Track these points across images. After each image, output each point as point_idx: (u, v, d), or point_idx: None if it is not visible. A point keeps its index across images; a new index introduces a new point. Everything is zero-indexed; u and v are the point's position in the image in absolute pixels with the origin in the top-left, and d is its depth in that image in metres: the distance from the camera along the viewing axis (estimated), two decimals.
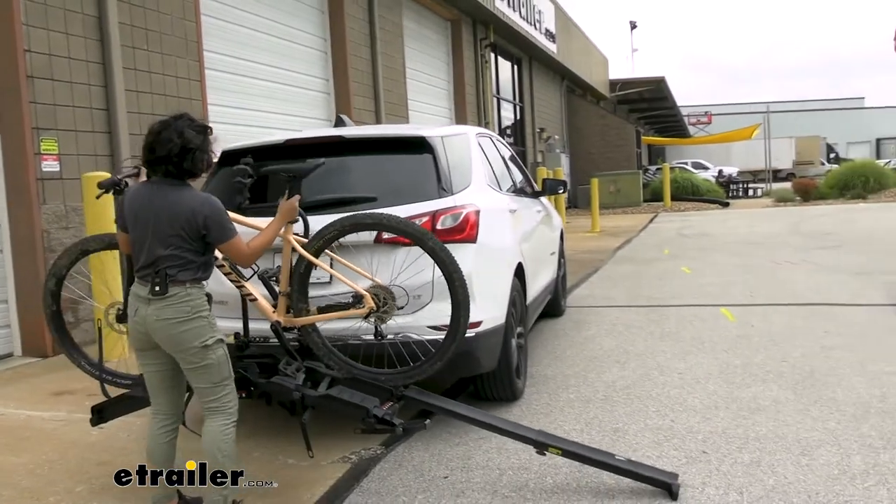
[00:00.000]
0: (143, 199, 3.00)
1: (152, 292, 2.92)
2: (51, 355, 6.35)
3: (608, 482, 3.41)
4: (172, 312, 2.92)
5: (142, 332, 2.99)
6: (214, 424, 3.04)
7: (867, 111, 69.76)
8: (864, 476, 3.35)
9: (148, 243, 2.95)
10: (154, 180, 3.02)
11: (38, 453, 4.08)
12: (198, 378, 3.01)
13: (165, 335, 2.94)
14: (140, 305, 2.96)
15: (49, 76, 6.46)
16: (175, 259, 2.93)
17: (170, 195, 2.96)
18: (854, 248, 11.34)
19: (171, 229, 2.92)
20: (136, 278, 3.01)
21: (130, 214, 3.02)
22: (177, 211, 2.92)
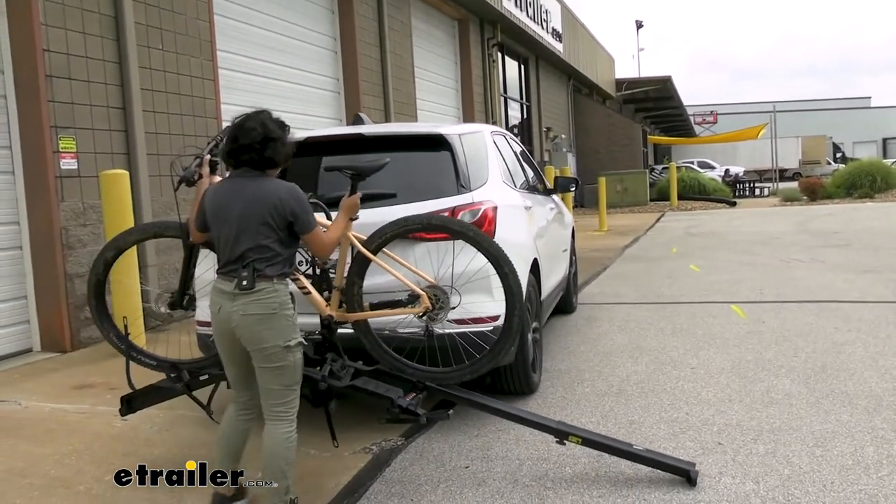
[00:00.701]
0: (227, 193, 3.01)
1: (239, 287, 2.89)
2: (69, 350, 6.44)
3: (626, 471, 3.48)
4: (258, 308, 2.90)
5: (225, 329, 2.96)
6: (279, 431, 3.00)
7: (873, 111, 69.66)
8: (878, 466, 3.42)
9: (234, 238, 2.95)
10: (234, 174, 3.05)
11: (63, 444, 4.15)
12: (271, 379, 2.97)
13: (249, 331, 2.91)
14: (224, 302, 2.94)
15: (67, 75, 6.54)
16: (263, 251, 2.93)
17: (254, 186, 2.99)
18: (862, 247, 11.37)
19: (258, 219, 2.92)
20: (219, 275, 2.99)
21: (213, 210, 3.02)
22: (264, 200, 2.94)
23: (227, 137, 3.04)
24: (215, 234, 3.03)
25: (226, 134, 3.10)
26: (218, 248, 3.04)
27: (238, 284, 2.89)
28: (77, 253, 6.57)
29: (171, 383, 3.65)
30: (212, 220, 3.04)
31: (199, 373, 3.68)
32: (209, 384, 3.71)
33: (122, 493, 3.46)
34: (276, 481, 3.00)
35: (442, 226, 3.61)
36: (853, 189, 23.20)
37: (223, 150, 3.08)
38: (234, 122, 3.05)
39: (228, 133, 3.05)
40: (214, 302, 2.99)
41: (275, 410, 3.01)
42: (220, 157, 3.14)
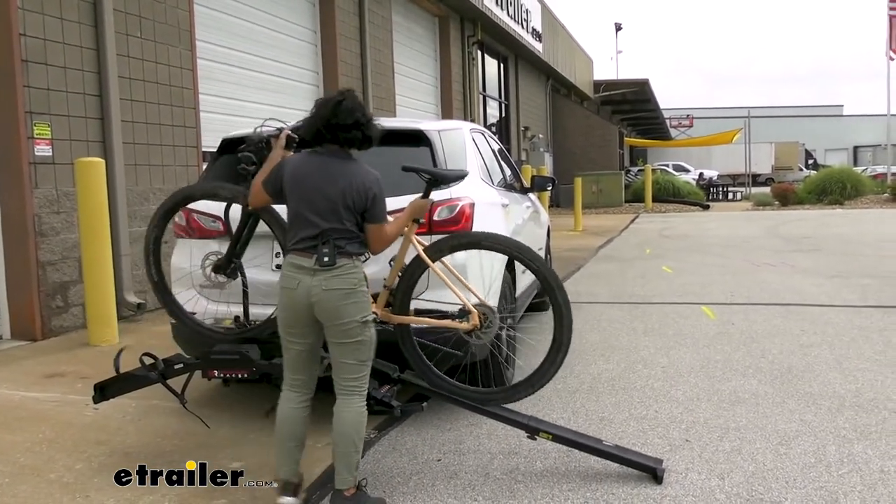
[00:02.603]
0: (312, 168, 3.03)
1: (320, 263, 2.93)
2: (40, 339, 6.38)
3: (596, 467, 3.54)
4: (340, 283, 2.95)
5: (302, 304, 2.97)
6: (354, 406, 3.05)
7: (846, 119, 70.77)
8: (839, 465, 3.51)
9: (316, 214, 2.97)
10: (319, 151, 3.06)
11: (34, 432, 4.13)
12: (349, 354, 3.02)
13: (331, 306, 2.95)
14: (303, 277, 2.96)
15: (43, 61, 6.47)
16: (344, 231, 2.99)
17: (343, 166, 3.01)
18: (830, 252, 11.59)
19: (344, 199, 2.97)
20: (294, 250, 3.00)
21: (293, 183, 3.03)
22: (353, 182, 2.98)
23: (325, 114, 3.02)
24: (292, 206, 3.03)
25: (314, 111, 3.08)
26: (292, 221, 3.04)
27: (319, 260, 2.94)
28: (50, 240, 6.51)
29: (146, 371, 3.65)
30: (291, 192, 3.04)
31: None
32: (184, 373, 3.71)
33: (93, 482, 3.46)
34: (348, 456, 3.04)
35: (496, 245, 3.61)
36: (824, 195, 23.57)
37: (318, 125, 3.04)
38: (331, 101, 3.05)
39: (325, 110, 3.03)
40: (290, 277, 2.99)
41: (349, 386, 3.06)
42: (308, 132, 3.09)
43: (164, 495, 3.30)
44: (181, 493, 3.32)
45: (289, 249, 3.05)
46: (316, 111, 3.07)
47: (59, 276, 6.62)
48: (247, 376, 3.58)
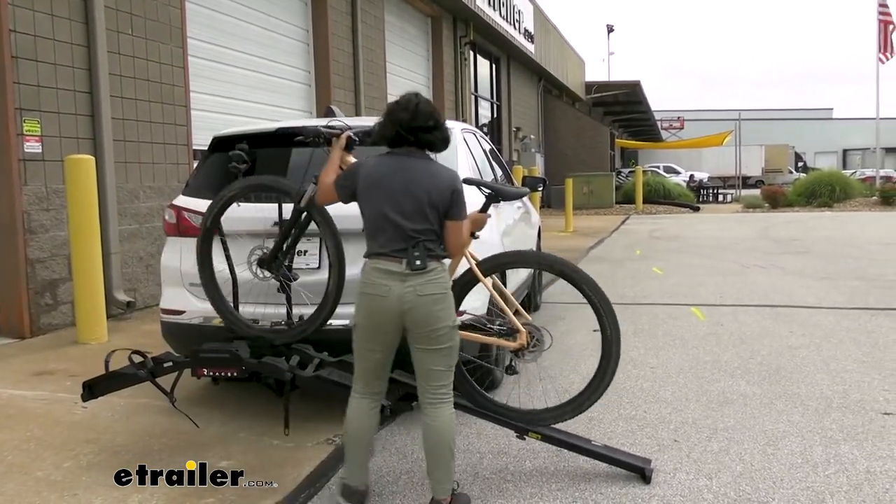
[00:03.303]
0: (395, 170, 2.97)
1: (412, 267, 2.87)
2: (28, 336, 6.35)
3: (585, 467, 3.55)
4: (433, 288, 2.91)
5: (392, 311, 2.91)
6: (447, 413, 3.02)
7: (835, 122, 71.12)
8: (825, 465, 3.54)
9: (400, 215, 2.92)
10: (399, 152, 3.02)
11: (22, 430, 4.11)
12: (440, 360, 2.98)
13: (425, 312, 2.90)
14: (393, 283, 2.89)
15: (33, 57, 6.45)
16: (431, 234, 2.95)
17: (425, 167, 2.98)
18: (819, 254, 11.65)
19: (429, 200, 2.93)
20: (380, 254, 2.93)
21: (373, 185, 2.97)
22: (437, 183, 2.95)
23: (405, 118, 2.97)
24: (373, 208, 2.97)
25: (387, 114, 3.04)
26: (374, 224, 2.98)
27: (411, 264, 2.88)
28: (39, 238, 6.48)
29: (135, 370, 3.64)
30: (371, 194, 2.98)
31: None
32: (173, 372, 3.70)
33: (81, 480, 3.45)
34: (447, 464, 3.02)
35: (550, 265, 3.59)
36: (813, 198, 23.70)
37: (398, 128, 2.98)
38: (410, 104, 3.01)
39: (406, 114, 2.98)
40: (378, 284, 2.92)
41: (440, 393, 3.03)
42: (385, 135, 3.03)
43: (152, 494, 3.29)
44: (169, 493, 3.31)
45: (372, 254, 2.97)
46: (392, 114, 3.01)
47: (48, 273, 6.59)
48: (236, 375, 3.57)
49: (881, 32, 27.58)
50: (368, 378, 3.09)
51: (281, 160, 4.48)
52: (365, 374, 3.09)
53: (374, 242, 2.97)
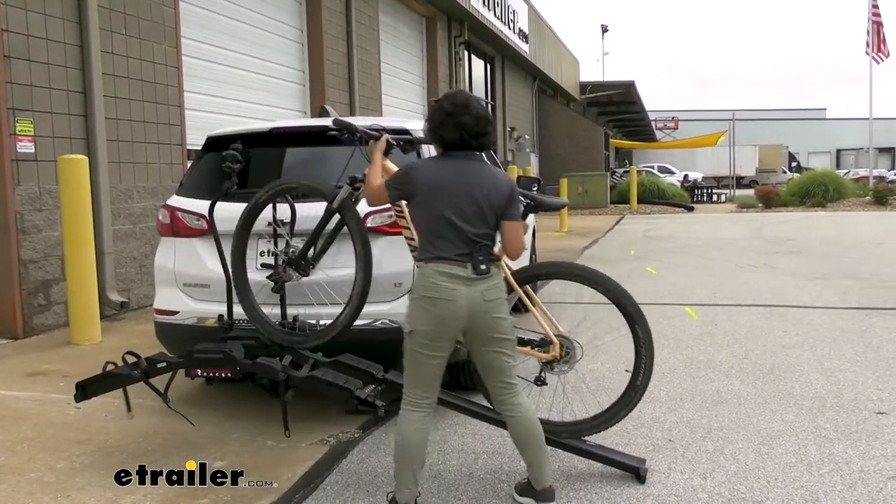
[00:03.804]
0: (455, 173, 2.93)
1: (477, 271, 2.85)
2: (21, 337, 6.33)
3: (579, 466, 3.55)
4: (497, 293, 2.92)
5: (459, 315, 2.87)
6: (525, 401, 3.07)
7: (829, 122, 71.38)
8: (819, 464, 3.54)
9: (461, 218, 2.88)
10: (457, 155, 2.97)
11: (15, 431, 4.09)
12: (506, 357, 3.02)
13: (492, 316, 2.90)
14: (460, 287, 2.85)
15: (26, 57, 6.43)
16: (490, 238, 2.94)
17: (484, 169, 2.96)
18: (813, 254, 11.69)
19: (489, 203, 2.91)
20: (443, 258, 2.88)
21: (433, 188, 2.91)
22: (494, 184, 2.93)
23: (468, 121, 2.93)
24: (433, 211, 2.90)
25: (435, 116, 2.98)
26: (433, 227, 2.91)
27: (476, 268, 2.86)
28: (32, 238, 6.46)
29: (129, 370, 3.63)
30: (430, 197, 2.91)
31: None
32: (167, 372, 3.69)
33: (75, 481, 3.44)
34: (546, 452, 3.09)
35: (589, 278, 3.60)
36: (807, 198, 23.77)
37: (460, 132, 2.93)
38: (470, 107, 2.96)
39: (468, 117, 2.93)
40: (444, 288, 2.86)
41: (513, 383, 3.06)
42: (446, 137, 2.95)
43: (145, 495, 3.28)
44: (164, 493, 3.30)
45: (432, 258, 2.90)
46: (454, 117, 2.93)
47: (41, 273, 6.56)
48: (230, 375, 3.56)
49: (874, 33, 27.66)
50: (425, 385, 3.00)
51: (275, 160, 4.48)
52: (423, 382, 2.99)
53: (433, 246, 2.91)
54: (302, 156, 4.51)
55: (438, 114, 2.98)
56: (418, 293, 2.92)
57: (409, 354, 2.97)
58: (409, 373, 3.00)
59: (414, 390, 3.01)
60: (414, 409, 3.00)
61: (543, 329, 3.51)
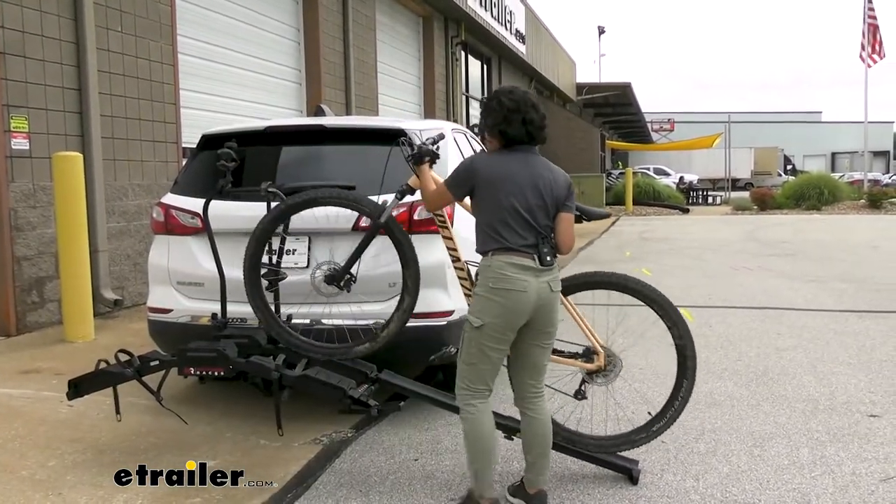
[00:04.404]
0: (517, 165, 2.95)
1: (542, 262, 2.89)
2: (14, 334, 6.31)
3: (572, 468, 3.56)
4: (558, 286, 2.98)
5: (529, 306, 2.88)
6: (546, 406, 3.11)
7: (824, 125, 71.54)
8: (812, 467, 3.55)
9: (527, 210, 2.90)
10: (520, 149, 2.99)
11: (6, 429, 4.08)
12: (547, 355, 3.07)
13: (552, 308, 2.95)
14: (530, 278, 2.88)
15: (21, 53, 6.40)
16: (550, 230, 2.98)
17: (543, 162, 3.00)
18: (807, 256, 11.71)
19: (551, 195, 2.95)
20: (511, 249, 2.89)
21: (497, 180, 2.92)
22: (555, 177, 2.98)
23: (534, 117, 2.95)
24: (500, 203, 2.91)
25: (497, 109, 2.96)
26: (499, 218, 2.91)
27: (542, 260, 2.90)
28: (26, 235, 6.44)
29: (122, 368, 3.61)
30: (495, 189, 2.92)
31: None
32: (159, 370, 3.68)
33: (66, 479, 3.43)
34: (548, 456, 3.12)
35: (636, 289, 3.60)
36: (802, 201, 23.83)
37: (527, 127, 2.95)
38: (531, 101, 2.98)
39: (535, 113, 2.95)
40: (516, 279, 2.87)
41: (541, 387, 3.09)
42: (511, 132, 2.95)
43: (137, 493, 3.27)
44: (154, 492, 3.29)
45: (499, 249, 2.90)
46: (519, 112, 2.93)
47: (34, 271, 6.54)
48: (223, 374, 3.55)
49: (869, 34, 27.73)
50: (491, 377, 3.00)
51: (270, 159, 4.47)
52: (489, 374, 2.99)
53: (499, 237, 2.91)
54: (297, 155, 4.51)
55: (500, 110, 2.97)
56: (486, 285, 2.92)
57: (477, 349, 2.94)
58: (475, 368, 2.98)
59: (478, 384, 2.99)
60: (483, 401, 3.00)
61: (589, 339, 3.49)
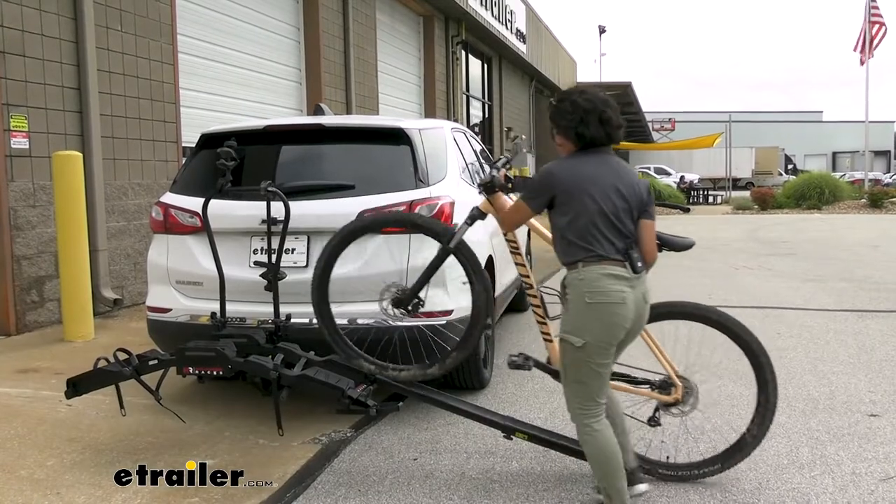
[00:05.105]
0: (600, 169, 2.84)
1: (635, 270, 2.76)
2: (14, 334, 6.30)
3: (572, 467, 3.55)
4: (649, 295, 2.86)
5: (631, 318, 2.78)
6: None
7: (825, 125, 71.45)
8: (811, 466, 3.55)
9: (615, 215, 2.78)
10: (599, 152, 2.88)
11: (5, 429, 4.07)
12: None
13: (644, 320, 2.85)
14: (627, 289, 2.75)
15: (21, 52, 6.39)
16: (634, 235, 2.85)
17: (623, 164, 2.90)
18: (807, 256, 11.70)
19: (634, 199, 2.83)
20: (604, 258, 2.76)
21: (582, 185, 2.78)
22: (637, 182, 2.86)
23: (616, 120, 2.86)
24: (583, 209, 2.77)
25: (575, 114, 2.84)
26: (586, 225, 2.78)
27: (633, 267, 2.77)
28: (25, 234, 6.44)
29: (120, 367, 3.61)
30: (579, 196, 2.78)
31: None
32: (158, 370, 3.67)
33: (65, 478, 3.42)
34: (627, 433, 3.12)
35: (706, 317, 3.49)
36: (802, 200, 23.81)
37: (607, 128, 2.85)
38: (608, 102, 2.88)
39: (617, 116, 2.88)
40: (613, 292, 2.74)
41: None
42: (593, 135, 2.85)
43: (136, 492, 3.27)
44: (153, 491, 3.29)
45: (592, 257, 2.77)
46: (596, 113, 2.82)
47: (34, 270, 6.54)
48: (222, 374, 3.55)
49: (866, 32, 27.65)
50: (603, 392, 2.87)
51: (269, 158, 4.47)
52: (600, 390, 2.85)
53: (589, 246, 2.77)
54: (296, 154, 4.51)
55: (575, 112, 2.85)
56: (582, 300, 2.76)
57: (586, 368, 2.80)
58: (585, 387, 2.83)
59: (591, 403, 2.84)
60: (599, 419, 2.85)
61: (667, 369, 3.36)
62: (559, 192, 2.82)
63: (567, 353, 2.83)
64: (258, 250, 4.11)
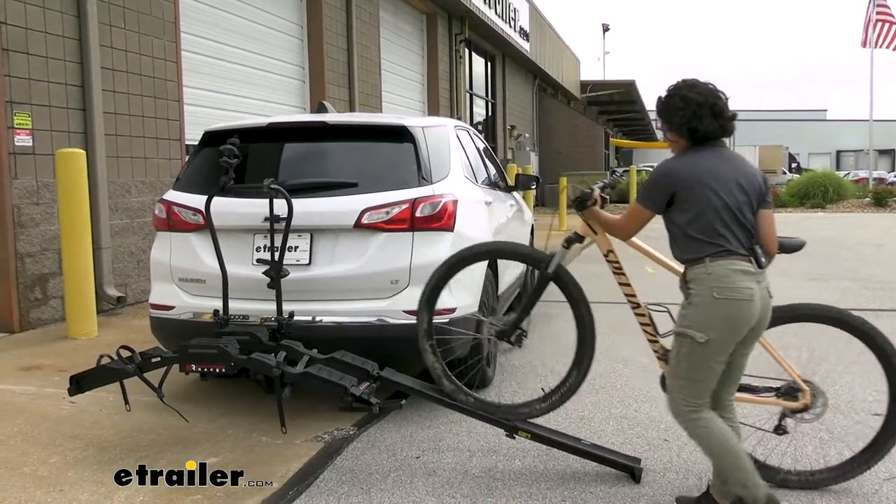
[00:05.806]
0: (719, 162, 2.80)
1: (761, 265, 2.74)
2: (18, 331, 6.31)
3: (574, 466, 3.54)
4: (771, 289, 2.82)
5: (754, 316, 2.74)
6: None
7: (829, 123, 71.26)
8: (816, 466, 3.53)
9: (737, 209, 2.75)
10: (713, 145, 2.85)
11: (9, 425, 4.08)
12: (747, 359, 2.91)
13: (769, 316, 2.81)
14: (753, 285, 2.72)
15: (24, 50, 6.40)
16: (755, 227, 2.81)
17: (741, 158, 2.87)
18: (811, 255, 11.64)
19: (754, 191, 2.80)
20: (731, 252, 2.72)
21: (704, 179, 2.75)
22: (754, 173, 2.83)
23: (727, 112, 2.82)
24: (706, 203, 2.75)
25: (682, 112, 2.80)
26: (711, 220, 2.75)
27: (758, 262, 2.75)
28: (29, 232, 6.44)
29: (123, 365, 3.61)
30: (701, 189, 2.75)
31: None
32: (161, 367, 3.67)
33: (68, 476, 3.43)
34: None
35: (837, 319, 3.43)
36: (806, 199, 23.75)
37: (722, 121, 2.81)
38: (719, 94, 2.83)
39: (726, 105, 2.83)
40: (742, 288, 2.71)
41: (732, 398, 2.98)
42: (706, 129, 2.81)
43: (138, 490, 3.27)
44: (156, 488, 3.29)
45: (719, 252, 2.74)
46: (707, 107, 2.79)
47: (38, 268, 6.55)
48: (225, 371, 3.55)
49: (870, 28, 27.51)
50: (711, 390, 2.84)
51: (273, 155, 4.47)
52: (710, 387, 2.82)
53: (716, 240, 2.74)
54: (299, 151, 4.51)
55: (687, 107, 2.81)
56: (710, 295, 2.72)
57: (703, 364, 2.77)
58: (699, 384, 2.80)
59: (698, 399, 2.82)
60: (709, 412, 2.84)
61: (790, 374, 3.29)
62: (680, 188, 2.80)
63: (684, 348, 2.79)
64: (261, 248, 4.11)
